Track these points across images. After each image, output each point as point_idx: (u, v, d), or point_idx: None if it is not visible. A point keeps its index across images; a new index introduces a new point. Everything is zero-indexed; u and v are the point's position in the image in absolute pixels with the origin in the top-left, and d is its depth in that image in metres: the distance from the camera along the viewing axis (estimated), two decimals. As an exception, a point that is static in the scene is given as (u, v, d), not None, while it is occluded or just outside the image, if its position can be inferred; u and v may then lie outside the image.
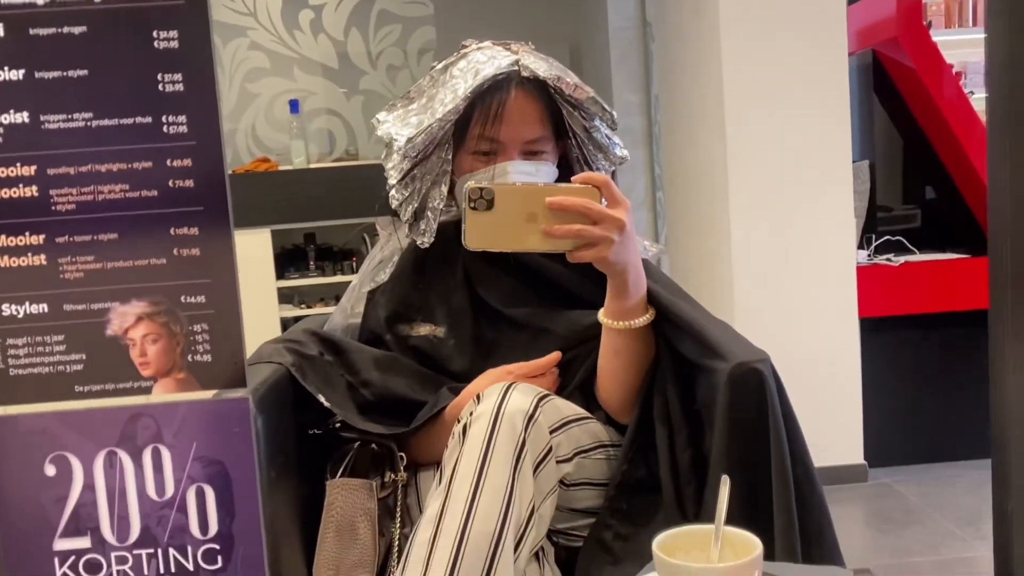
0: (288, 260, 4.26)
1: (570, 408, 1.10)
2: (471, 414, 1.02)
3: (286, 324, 4.09)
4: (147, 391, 0.52)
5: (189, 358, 0.52)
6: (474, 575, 0.93)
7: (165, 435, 0.52)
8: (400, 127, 1.21)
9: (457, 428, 1.03)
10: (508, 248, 1.07)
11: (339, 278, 4.20)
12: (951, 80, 3.09)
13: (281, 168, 4.20)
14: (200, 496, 0.53)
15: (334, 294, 4.30)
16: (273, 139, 4.41)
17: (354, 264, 4.25)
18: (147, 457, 0.52)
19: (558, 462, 1.04)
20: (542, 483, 1.01)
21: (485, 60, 1.19)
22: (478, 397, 1.04)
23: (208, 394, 0.53)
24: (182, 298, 0.52)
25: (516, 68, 1.18)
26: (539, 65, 1.18)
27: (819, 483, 0.99)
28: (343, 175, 4.13)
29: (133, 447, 0.52)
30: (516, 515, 0.97)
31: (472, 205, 1.02)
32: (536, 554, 1.04)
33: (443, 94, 1.19)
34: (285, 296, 4.23)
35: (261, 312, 3.95)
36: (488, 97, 1.17)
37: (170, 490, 0.53)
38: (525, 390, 1.03)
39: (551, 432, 1.03)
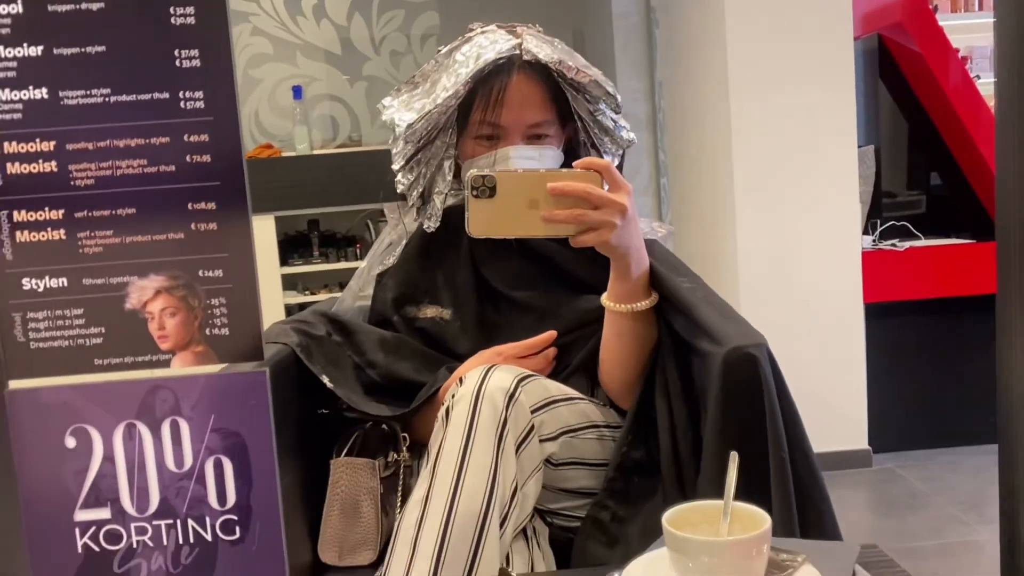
0: (292, 246, 4.26)
1: (558, 388, 1.10)
2: (453, 397, 1.03)
3: (290, 310, 4.10)
4: (165, 364, 0.53)
5: (207, 331, 0.53)
6: (462, 554, 0.95)
7: (183, 407, 0.53)
8: (403, 112, 1.22)
9: (441, 411, 1.04)
10: (511, 234, 1.08)
11: (343, 264, 4.20)
12: (957, 65, 3.08)
13: (284, 154, 4.20)
14: (218, 467, 0.54)
15: (338, 280, 4.31)
16: (276, 125, 4.41)
17: (358, 251, 4.25)
18: (166, 429, 0.53)
19: (541, 441, 1.05)
20: (524, 462, 1.02)
21: (487, 44, 1.19)
22: (461, 380, 1.04)
23: (226, 367, 0.53)
24: (200, 272, 0.53)
25: (517, 52, 1.18)
26: (542, 48, 1.18)
27: (818, 468, 0.99)
28: (346, 161, 4.12)
29: (152, 419, 0.53)
30: (501, 494, 0.98)
31: (474, 192, 1.02)
32: (525, 533, 1.05)
33: (445, 79, 1.19)
34: (289, 282, 4.24)
35: (265, 298, 3.93)
36: (489, 82, 1.18)
37: (188, 462, 0.53)
38: (506, 370, 1.04)
39: (533, 411, 1.04)
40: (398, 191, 1.26)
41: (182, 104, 0.51)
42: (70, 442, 0.53)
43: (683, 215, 3.56)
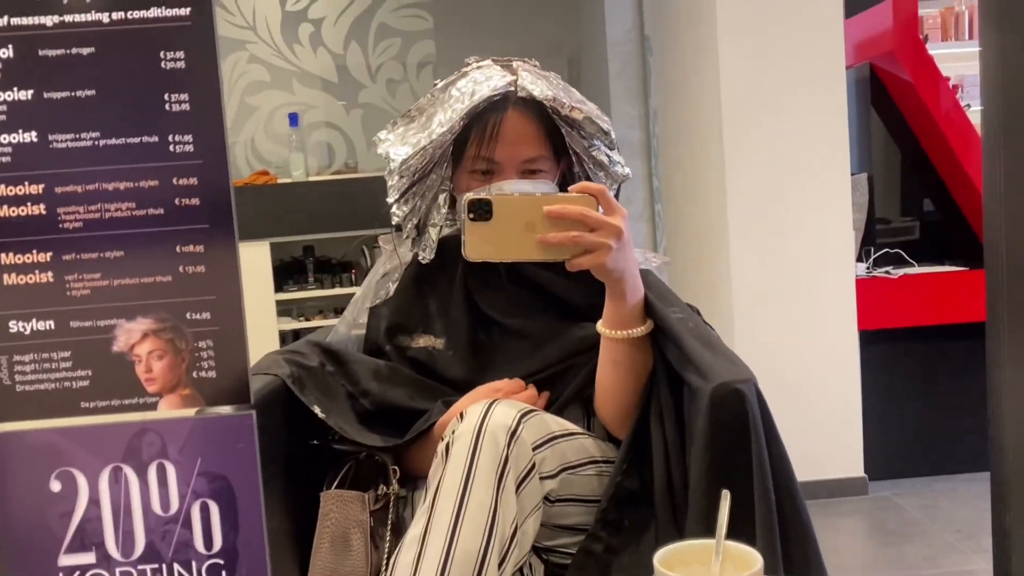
0: (287, 273, 4.26)
1: (558, 423, 1.10)
2: (453, 432, 1.02)
3: (284, 337, 4.10)
4: (152, 407, 0.53)
5: (194, 374, 0.53)
6: None
7: (170, 450, 0.53)
8: (398, 146, 1.23)
9: (440, 446, 1.04)
10: (508, 258, 1.08)
11: (338, 291, 4.20)
12: (948, 93, 3.11)
13: (280, 181, 4.21)
14: (204, 511, 0.53)
15: (333, 307, 4.31)
16: (272, 152, 4.42)
17: (353, 277, 4.25)
18: (152, 472, 0.52)
19: (542, 478, 1.04)
20: (525, 501, 1.01)
21: (483, 80, 1.20)
22: (461, 415, 1.04)
23: (213, 410, 0.53)
24: (187, 315, 0.52)
25: (512, 88, 1.19)
26: (537, 84, 1.19)
27: (804, 507, 0.98)
28: (342, 188, 4.14)
29: (138, 462, 0.52)
30: (500, 533, 0.97)
31: (471, 216, 1.03)
32: (522, 571, 1.04)
33: (440, 114, 1.20)
34: (284, 309, 4.23)
35: (259, 325, 3.96)
36: (484, 117, 1.18)
37: (175, 505, 0.53)
38: (508, 406, 1.04)
39: (535, 448, 1.03)
40: (393, 223, 1.26)
41: (171, 147, 0.52)
42: (55, 485, 0.52)
43: (677, 242, 3.57)
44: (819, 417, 2.85)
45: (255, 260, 3.97)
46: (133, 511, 0.53)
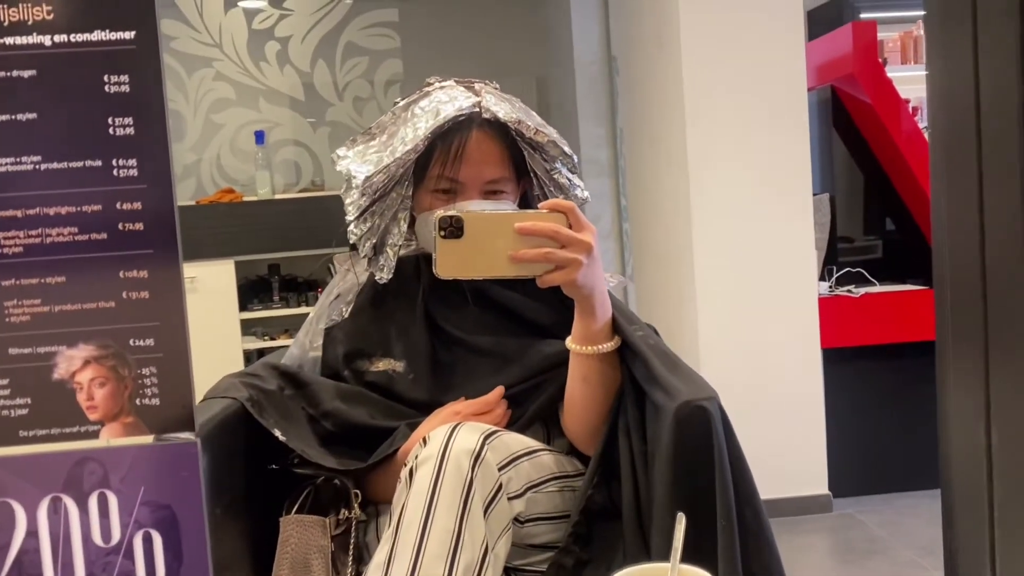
0: (252, 291, 4.22)
1: (519, 442, 1.10)
2: (416, 458, 1.02)
3: (249, 356, 4.05)
4: (94, 435, 0.52)
5: (137, 402, 0.52)
6: None
7: (112, 480, 0.51)
8: (359, 164, 1.22)
9: (404, 472, 1.03)
10: (479, 275, 1.07)
11: (303, 309, 4.17)
12: (907, 115, 3.17)
13: (246, 199, 4.18)
14: (147, 542, 0.52)
15: (298, 325, 4.24)
16: (238, 170, 4.39)
17: (319, 294, 4.22)
18: (93, 502, 0.51)
19: (510, 499, 1.04)
20: (493, 523, 1.01)
21: (447, 100, 1.20)
22: (424, 440, 1.03)
23: (156, 438, 0.52)
24: (131, 341, 0.52)
25: (477, 109, 1.19)
26: (500, 106, 1.19)
27: (768, 524, 1.00)
28: (308, 206, 4.12)
29: (79, 492, 0.51)
30: (466, 559, 0.96)
31: (442, 233, 1.03)
32: None
33: (404, 132, 1.20)
34: (249, 328, 4.19)
35: (224, 344, 3.91)
36: (448, 137, 1.18)
37: (116, 536, 0.52)
38: (471, 429, 1.03)
39: (500, 469, 1.03)
40: (351, 241, 1.25)
41: (115, 172, 0.51)
42: (-8, 517, 0.51)
43: (644, 261, 3.60)
44: (783, 435, 2.87)
45: (220, 279, 3.93)
46: (73, 542, 0.51)
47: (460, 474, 0.98)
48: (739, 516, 0.96)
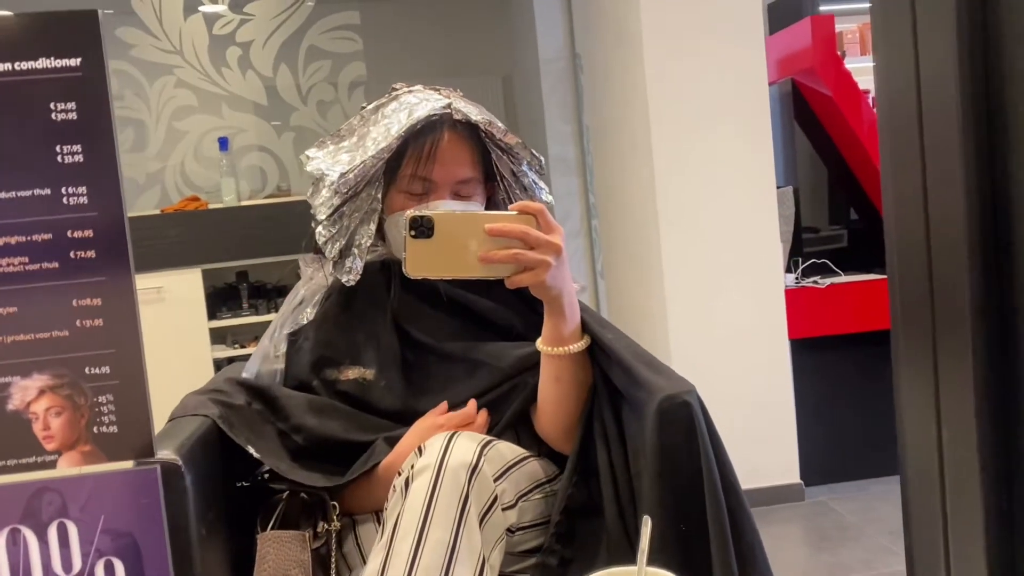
0: (220, 299, 4.19)
1: (512, 451, 1.10)
2: (412, 467, 1.01)
3: (219, 365, 4.02)
4: (51, 465, 0.51)
5: (95, 430, 0.52)
6: None
7: (71, 509, 0.51)
8: (331, 163, 1.21)
9: (399, 481, 1.02)
10: (448, 275, 1.08)
11: (273, 316, 4.12)
12: (867, 107, 3.21)
13: (211, 206, 4.14)
14: (109, 569, 0.52)
15: (270, 332, 4.23)
16: (203, 177, 4.35)
17: (289, 301, 4.19)
18: (52, 532, 0.51)
19: (503, 510, 1.04)
20: (488, 534, 1.01)
21: (417, 102, 1.20)
22: (420, 449, 1.03)
23: (115, 466, 0.52)
24: (86, 369, 0.51)
25: (449, 111, 1.19)
26: (470, 109, 1.20)
27: (748, 507, 1.02)
28: (275, 212, 4.10)
29: (37, 523, 0.51)
30: (461, 572, 0.96)
31: (412, 233, 1.03)
32: None
33: (375, 132, 1.19)
34: (218, 336, 4.15)
35: (193, 354, 3.88)
36: (421, 137, 1.18)
37: (77, 565, 0.52)
38: (469, 439, 1.03)
39: (495, 480, 1.03)
40: (319, 242, 1.24)
41: (64, 200, 0.51)
42: (-50, 551, 0.51)
43: (613, 257, 3.61)
44: (754, 426, 2.90)
45: (187, 288, 3.89)
46: (33, 573, 0.51)
47: (457, 486, 0.98)
48: (728, 509, 0.98)
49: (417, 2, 4.97)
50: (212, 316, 4.05)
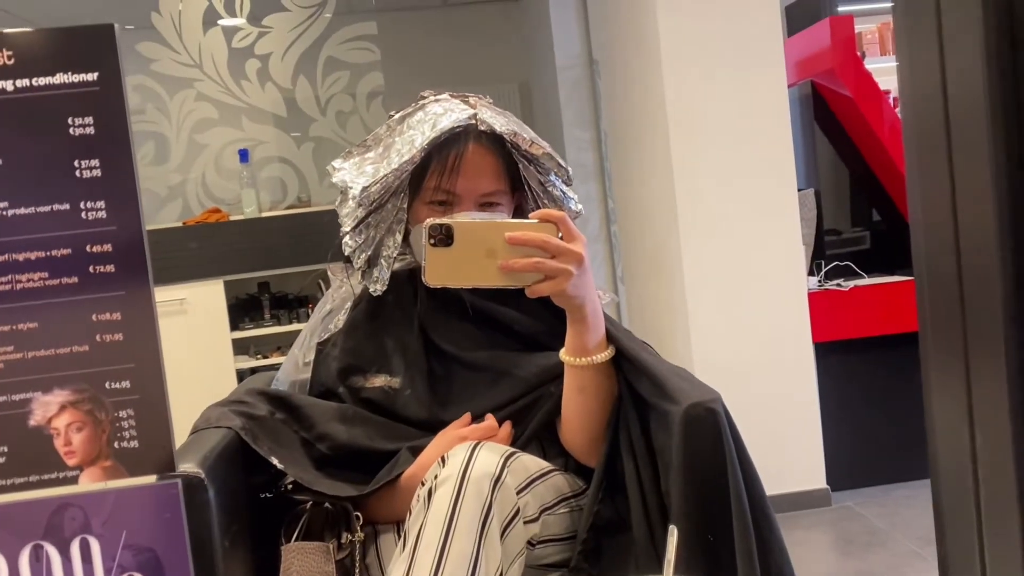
0: (243, 310, 4.21)
1: (535, 464, 1.09)
2: (436, 477, 1.00)
3: (242, 375, 4.04)
4: (73, 481, 0.51)
5: (116, 445, 0.51)
6: None
7: (93, 525, 0.51)
8: (356, 175, 1.21)
9: (422, 491, 1.02)
10: (468, 283, 1.07)
11: (295, 326, 4.16)
12: (888, 107, 3.18)
13: (232, 218, 4.17)
14: (132, 585, 0.52)
15: (290, 342, 4.22)
16: (224, 189, 4.38)
17: (310, 311, 4.19)
18: (75, 548, 0.51)
19: (525, 523, 1.03)
20: (509, 546, 1.00)
21: (442, 112, 1.19)
22: (443, 459, 1.02)
23: (136, 481, 0.52)
24: (106, 384, 0.51)
25: (473, 122, 1.19)
26: (496, 119, 1.19)
27: (777, 523, 1.00)
28: (295, 222, 4.11)
29: (60, 539, 0.51)
30: None
31: (431, 241, 1.02)
32: None
33: (400, 144, 1.19)
34: (241, 347, 4.17)
35: (216, 364, 3.90)
36: (445, 149, 1.18)
37: (100, 581, 0.51)
38: (492, 450, 1.02)
39: (518, 492, 1.02)
40: (345, 253, 1.24)
41: (83, 214, 0.51)
42: (-27, 568, 0.51)
43: (633, 262, 3.60)
44: (779, 431, 2.87)
45: (209, 299, 3.91)
46: (56, 590, 0.51)
47: (480, 497, 0.97)
48: (754, 522, 0.96)
49: (434, 12, 4.98)
50: (234, 327, 4.07)
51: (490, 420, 1.17)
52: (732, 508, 0.96)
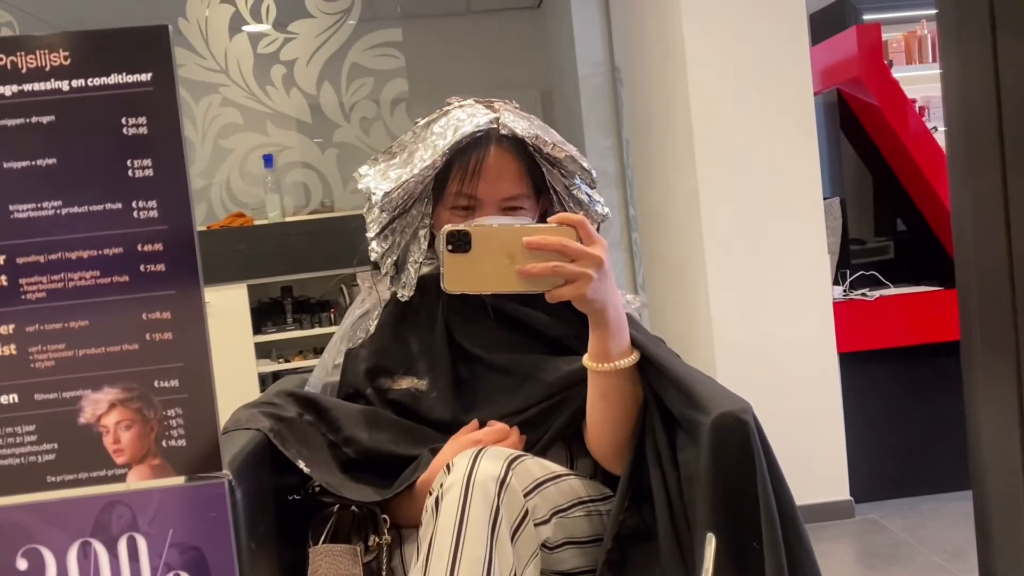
0: (265, 314, 4.23)
1: (543, 468, 1.08)
2: (441, 486, 1.00)
3: (265, 379, 4.06)
4: (121, 479, 0.51)
5: (163, 443, 0.52)
6: None
7: (140, 523, 0.51)
8: (379, 181, 1.22)
9: (429, 501, 1.02)
10: (488, 290, 1.06)
11: (317, 331, 4.18)
12: (914, 115, 3.15)
13: (256, 223, 4.20)
14: (178, 584, 0.52)
15: (312, 347, 4.27)
16: (248, 194, 4.41)
17: (332, 316, 4.23)
18: (122, 546, 0.51)
19: (536, 525, 1.02)
20: (521, 549, 1.00)
21: (465, 118, 1.20)
22: (448, 467, 1.02)
23: (183, 480, 0.52)
24: (155, 383, 0.51)
25: (495, 126, 1.19)
26: (518, 123, 1.19)
27: (807, 536, 0.98)
28: (319, 227, 4.14)
29: (108, 536, 0.51)
30: None
31: (450, 247, 1.02)
32: None
33: (423, 150, 1.20)
34: (263, 351, 4.20)
35: (239, 368, 3.92)
36: (466, 154, 1.18)
37: (147, 579, 0.52)
38: (495, 454, 1.02)
39: (525, 495, 1.01)
40: (371, 259, 1.25)
41: (135, 213, 0.51)
42: (22, 564, 0.51)
43: (655, 270, 3.59)
44: (803, 441, 2.85)
45: (233, 303, 3.94)
46: (103, 587, 0.51)
47: (487, 501, 0.97)
48: (784, 539, 0.95)
49: (457, 19, 5.00)
50: (257, 331, 4.10)
51: (500, 424, 1.17)
52: (762, 519, 0.95)
